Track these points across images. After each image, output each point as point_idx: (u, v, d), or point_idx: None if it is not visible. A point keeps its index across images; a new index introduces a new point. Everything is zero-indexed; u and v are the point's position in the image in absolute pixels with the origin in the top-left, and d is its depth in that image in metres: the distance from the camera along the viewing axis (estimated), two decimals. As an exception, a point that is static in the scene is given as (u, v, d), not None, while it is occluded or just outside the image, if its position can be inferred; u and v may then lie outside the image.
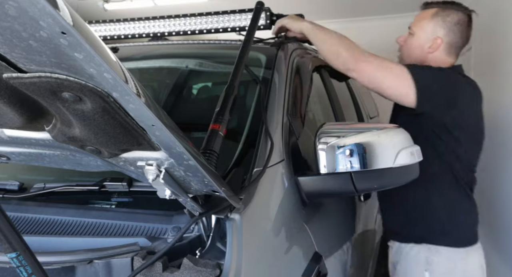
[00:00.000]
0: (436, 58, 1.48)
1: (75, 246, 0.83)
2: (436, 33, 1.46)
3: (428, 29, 1.47)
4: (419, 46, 1.49)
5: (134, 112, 0.54)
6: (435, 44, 1.46)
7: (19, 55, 0.45)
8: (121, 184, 0.99)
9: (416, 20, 1.52)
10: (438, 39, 1.45)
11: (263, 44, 1.67)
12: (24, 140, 0.69)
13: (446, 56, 1.49)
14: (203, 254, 0.84)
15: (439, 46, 1.46)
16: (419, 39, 1.49)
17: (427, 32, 1.47)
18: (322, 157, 1.12)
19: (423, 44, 1.48)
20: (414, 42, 1.50)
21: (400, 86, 1.34)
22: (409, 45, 1.52)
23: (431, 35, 1.46)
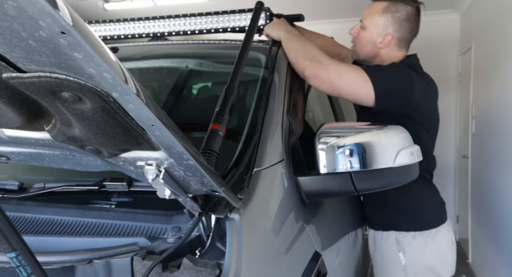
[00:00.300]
0: (388, 52, 1.53)
1: (75, 246, 0.83)
2: (387, 29, 1.49)
3: (379, 25, 1.50)
4: (371, 41, 1.52)
5: (134, 112, 0.54)
6: (386, 40, 1.50)
7: (18, 55, 0.45)
8: (121, 184, 0.99)
9: (367, 13, 1.54)
10: (389, 35, 1.49)
11: (263, 44, 1.67)
12: (24, 140, 0.69)
13: (397, 51, 1.53)
14: (203, 254, 0.84)
15: (390, 42, 1.50)
16: (371, 34, 1.52)
17: (378, 28, 1.50)
18: (322, 157, 1.12)
19: (375, 39, 1.51)
20: (366, 37, 1.53)
21: (359, 91, 1.38)
22: (362, 39, 1.54)
23: (382, 31, 1.50)
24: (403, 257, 1.58)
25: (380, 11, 1.50)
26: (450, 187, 4.58)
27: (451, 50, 4.52)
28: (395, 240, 1.59)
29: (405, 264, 1.58)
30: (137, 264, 0.76)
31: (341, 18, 4.63)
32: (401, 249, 1.58)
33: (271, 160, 1.10)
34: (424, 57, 1.63)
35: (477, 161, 3.58)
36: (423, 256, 1.57)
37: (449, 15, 4.47)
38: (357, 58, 1.61)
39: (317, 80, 1.38)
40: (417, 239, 1.56)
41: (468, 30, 4.05)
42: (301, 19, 1.90)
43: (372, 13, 1.52)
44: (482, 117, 3.42)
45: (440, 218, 1.61)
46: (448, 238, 1.61)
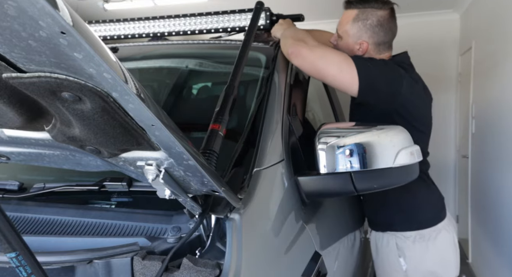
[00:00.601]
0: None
1: (75, 246, 0.83)
2: (361, 37, 1.49)
3: (352, 34, 1.50)
4: (349, 50, 1.51)
5: (134, 112, 0.54)
6: (362, 47, 1.49)
7: (18, 55, 0.45)
8: (121, 184, 0.99)
9: (340, 22, 1.55)
10: (364, 43, 1.49)
11: (263, 44, 1.67)
12: (24, 140, 0.69)
13: (378, 54, 1.51)
14: (203, 254, 0.84)
15: (367, 49, 1.50)
16: (347, 43, 1.52)
17: (352, 37, 1.50)
18: (322, 157, 1.12)
19: (352, 48, 1.51)
20: (344, 46, 1.53)
21: (342, 76, 1.36)
22: (340, 47, 1.54)
23: (357, 39, 1.49)
24: (404, 263, 1.55)
25: (351, 21, 1.49)
26: (450, 187, 4.58)
27: (451, 50, 4.52)
28: (395, 245, 1.57)
29: (406, 270, 1.55)
30: (137, 264, 0.76)
31: (341, 18, 4.62)
32: (402, 254, 1.55)
33: (271, 160, 1.10)
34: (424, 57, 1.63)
35: (477, 161, 3.58)
36: (424, 260, 1.54)
37: (449, 15, 4.46)
38: None
39: (300, 59, 1.37)
40: (417, 244, 1.53)
41: (468, 30, 4.05)
42: (301, 19, 1.90)
43: (344, 23, 1.52)
44: (482, 117, 3.42)
45: (438, 216, 1.58)
46: (450, 240, 1.58)
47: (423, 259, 1.54)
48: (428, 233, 1.54)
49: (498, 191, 2.92)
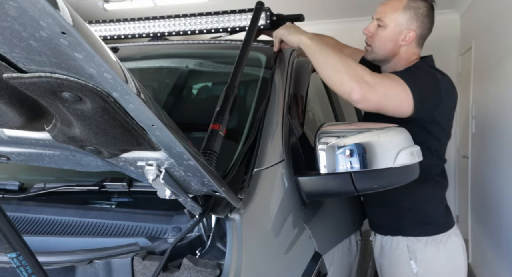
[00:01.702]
0: (408, 51, 1.50)
1: (75, 246, 0.83)
2: (410, 26, 1.46)
3: (401, 22, 1.46)
4: (393, 39, 1.47)
5: (134, 112, 0.54)
6: (408, 37, 1.46)
7: (19, 55, 0.45)
8: (121, 184, 0.99)
9: (385, 11, 1.48)
10: (412, 32, 1.46)
11: (263, 44, 1.67)
12: (24, 140, 0.69)
13: (416, 48, 1.51)
14: (203, 254, 0.84)
15: (412, 39, 1.47)
16: (393, 32, 1.47)
17: (400, 25, 1.46)
18: (322, 157, 1.12)
19: (397, 37, 1.47)
20: (387, 35, 1.47)
21: (403, 105, 1.34)
22: (381, 38, 1.49)
23: (405, 28, 1.46)
24: (415, 265, 1.51)
25: (402, 9, 1.45)
26: (450, 187, 4.53)
27: (451, 50, 4.52)
28: (406, 247, 1.53)
29: (416, 273, 1.51)
30: (137, 264, 0.76)
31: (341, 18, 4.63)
32: (413, 257, 1.52)
33: (271, 160, 1.10)
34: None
35: (477, 161, 3.58)
36: (436, 263, 1.52)
37: (449, 15, 4.46)
38: (373, 58, 1.56)
39: (367, 103, 1.29)
40: (429, 246, 1.51)
41: (468, 30, 4.05)
42: (301, 19, 1.90)
43: (392, 11, 1.46)
44: (482, 117, 3.42)
45: (449, 223, 1.56)
46: (459, 243, 1.56)
47: (435, 262, 1.52)
48: (440, 236, 1.52)
49: (498, 191, 2.92)
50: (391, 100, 1.32)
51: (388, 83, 1.33)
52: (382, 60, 1.54)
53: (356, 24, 5.01)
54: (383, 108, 1.33)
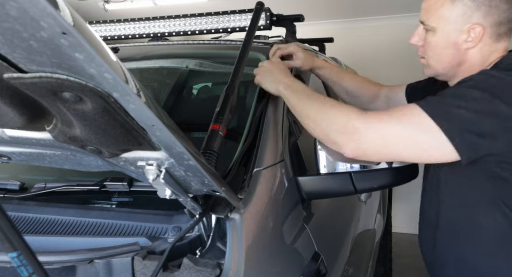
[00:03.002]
0: (481, 51, 1.02)
1: (76, 246, 0.83)
2: (470, 19, 0.99)
3: (453, 19, 1.00)
4: (451, 44, 1.02)
5: (135, 112, 0.54)
6: (474, 34, 0.99)
7: (20, 55, 0.45)
8: (122, 184, 0.99)
9: (429, 10, 1.05)
10: (476, 26, 0.98)
11: (263, 44, 1.67)
12: (25, 140, 0.69)
13: (496, 43, 1.01)
14: (203, 253, 0.84)
15: (482, 35, 0.99)
16: (447, 34, 1.02)
17: (455, 22, 1.01)
18: (322, 157, 1.13)
19: (456, 40, 1.01)
20: (441, 41, 1.04)
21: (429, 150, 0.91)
22: (434, 46, 1.05)
23: (464, 25, 1.00)
24: None
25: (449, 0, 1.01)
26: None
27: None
28: None
29: None
30: (138, 264, 0.76)
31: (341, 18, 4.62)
32: None
33: (271, 160, 1.10)
34: (424, 57, 1.62)
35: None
36: None
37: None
38: (432, 74, 1.12)
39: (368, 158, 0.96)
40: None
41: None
42: (301, 19, 1.91)
43: (437, 7, 1.02)
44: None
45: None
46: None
47: None
48: None
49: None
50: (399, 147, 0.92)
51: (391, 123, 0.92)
52: (447, 74, 1.09)
53: (356, 24, 5.02)
54: (396, 158, 0.96)
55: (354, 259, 1.66)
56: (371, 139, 0.92)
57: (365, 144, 0.92)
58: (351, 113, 0.94)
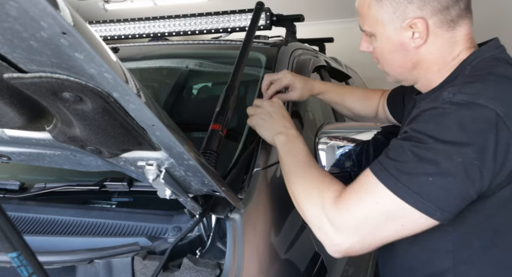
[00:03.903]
0: (436, 46, 0.86)
1: (76, 246, 0.83)
2: (406, 15, 0.84)
3: (388, 18, 0.86)
4: (397, 46, 0.88)
5: (135, 112, 0.54)
6: (420, 30, 0.84)
7: (19, 55, 0.45)
8: (122, 184, 0.99)
9: (362, 16, 0.93)
10: (416, 20, 0.84)
11: (263, 44, 1.67)
12: (25, 140, 0.69)
13: (452, 30, 0.86)
14: (203, 253, 0.84)
15: (426, 28, 0.84)
16: (388, 37, 0.88)
17: (391, 22, 0.86)
18: (322, 157, 1.13)
19: (400, 40, 0.87)
20: (385, 45, 0.90)
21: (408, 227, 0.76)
22: (381, 51, 0.92)
23: (401, 22, 0.85)
24: None
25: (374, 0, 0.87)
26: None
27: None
28: None
29: None
30: (138, 264, 0.76)
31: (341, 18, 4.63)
32: None
33: (271, 160, 1.10)
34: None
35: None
36: None
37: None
38: (394, 81, 0.99)
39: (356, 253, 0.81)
40: None
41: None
42: (301, 19, 1.91)
43: (366, 11, 0.90)
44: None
45: None
46: None
47: None
48: None
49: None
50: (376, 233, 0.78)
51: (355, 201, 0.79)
52: (407, 79, 0.95)
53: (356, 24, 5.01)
54: (382, 243, 0.80)
55: (354, 259, 1.66)
56: (344, 239, 0.79)
57: (343, 246, 0.80)
58: (325, 203, 0.81)
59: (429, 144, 0.74)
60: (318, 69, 1.90)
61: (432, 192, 0.73)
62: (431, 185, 0.73)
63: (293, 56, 1.57)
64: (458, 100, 0.75)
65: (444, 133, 0.74)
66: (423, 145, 0.75)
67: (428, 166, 0.73)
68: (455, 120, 0.73)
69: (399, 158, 0.77)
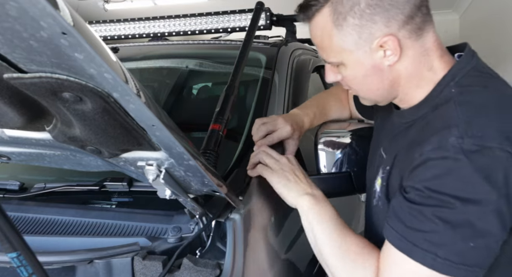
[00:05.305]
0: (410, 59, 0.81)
1: (76, 246, 0.83)
2: (372, 36, 0.78)
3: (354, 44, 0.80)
4: (370, 70, 0.82)
5: (135, 112, 0.54)
6: (389, 48, 0.79)
7: (19, 55, 0.45)
8: (121, 184, 0.99)
9: (322, 48, 0.86)
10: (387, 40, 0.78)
11: (263, 44, 1.67)
12: (25, 140, 0.69)
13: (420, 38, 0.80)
14: (203, 254, 0.84)
15: (398, 44, 0.78)
16: (359, 63, 0.82)
17: (359, 47, 0.80)
18: (322, 157, 1.13)
19: (372, 63, 0.81)
20: (357, 71, 0.83)
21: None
22: (353, 78, 0.86)
23: (370, 44, 0.79)
24: None
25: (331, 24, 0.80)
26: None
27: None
28: None
29: None
30: (138, 264, 0.76)
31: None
32: None
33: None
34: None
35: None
36: None
37: (448, 15, 4.48)
38: (372, 103, 0.94)
39: None
40: None
41: (468, 31, 4.06)
42: (301, 19, 1.90)
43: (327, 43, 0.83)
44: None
45: None
46: None
47: None
48: None
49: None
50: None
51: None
52: (386, 98, 0.89)
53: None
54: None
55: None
56: None
57: None
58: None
59: (456, 207, 0.68)
60: (318, 69, 1.90)
61: (474, 256, 0.68)
62: (473, 250, 0.68)
63: (293, 56, 1.57)
64: (470, 147, 0.69)
65: (469, 191, 0.68)
66: (450, 210, 0.68)
67: (464, 230, 0.68)
68: (475, 173, 0.68)
69: (424, 227, 0.70)
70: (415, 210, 0.72)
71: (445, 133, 0.73)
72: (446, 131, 0.73)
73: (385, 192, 0.87)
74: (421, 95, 0.84)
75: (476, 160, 0.69)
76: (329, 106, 1.28)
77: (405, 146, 0.83)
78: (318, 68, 1.90)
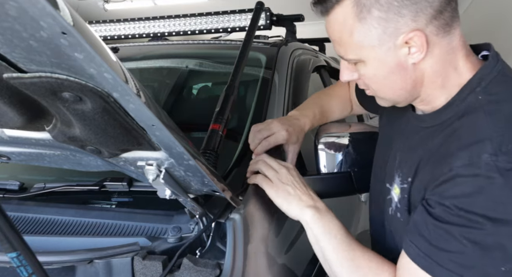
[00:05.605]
0: (436, 57, 0.75)
1: (75, 246, 0.83)
2: (398, 30, 0.72)
3: (378, 39, 0.73)
4: (393, 68, 0.76)
5: (134, 112, 0.54)
6: (415, 45, 0.73)
7: (19, 55, 0.45)
8: (121, 184, 0.99)
9: (340, 43, 0.79)
10: (413, 35, 0.72)
11: (263, 44, 1.67)
12: (25, 140, 0.69)
13: (448, 36, 0.74)
14: (203, 254, 0.84)
15: (425, 40, 0.72)
16: (381, 60, 0.76)
17: (382, 43, 0.74)
18: (322, 157, 1.13)
19: (396, 60, 0.75)
20: (378, 69, 0.77)
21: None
22: (373, 76, 0.79)
23: (395, 40, 0.73)
24: None
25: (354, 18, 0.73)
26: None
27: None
28: None
29: None
30: (138, 264, 0.76)
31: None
32: None
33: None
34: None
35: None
36: None
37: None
38: (391, 104, 0.86)
39: None
40: None
41: (468, 30, 4.06)
42: (301, 19, 1.91)
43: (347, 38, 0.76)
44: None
45: None
46: None
47: None
48: None
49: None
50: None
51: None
52: (406, 99, 0.83)
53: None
54: None
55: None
56: None
57: None
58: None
59: (487, 228, 0.64)
60: (318, 69, 1.90)
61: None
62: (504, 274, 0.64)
63: (293, 56, 1.57)
64: (505, 165, 0.65)
65: (501, 211, 0.64)
66: (480, 231, 0.65)
67: (494, 253, 0.64)
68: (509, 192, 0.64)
69: (450, 247, 0.67)
70: (441, 229, 0.68)
71: (476, 148, 0.68)
72: (477, 146, 0.68)
73: (406, 204, 0.82)
74: (444, 97, 0.78)
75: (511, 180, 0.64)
76: (328, 104, 1.26)
77: (429, 155, 0.78)
78: (318, 68, 1.90)
